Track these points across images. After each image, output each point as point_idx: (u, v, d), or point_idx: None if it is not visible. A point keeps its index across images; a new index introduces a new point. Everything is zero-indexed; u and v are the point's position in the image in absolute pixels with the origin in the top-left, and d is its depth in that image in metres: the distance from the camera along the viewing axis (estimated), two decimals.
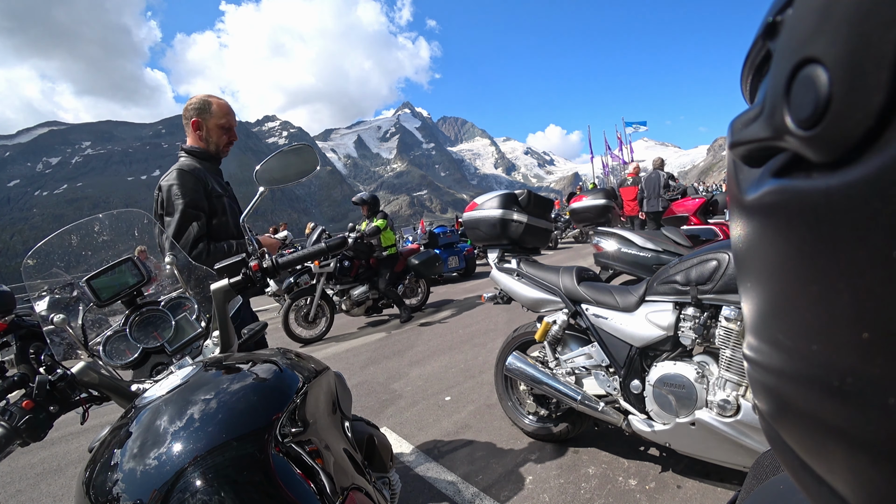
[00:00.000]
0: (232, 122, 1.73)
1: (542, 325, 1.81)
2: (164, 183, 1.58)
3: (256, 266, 0.90)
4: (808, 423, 0.16)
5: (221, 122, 1.69)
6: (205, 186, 1.60)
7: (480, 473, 1.89)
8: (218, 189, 1.66)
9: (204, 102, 1.70)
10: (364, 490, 0.68)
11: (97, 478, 0.55)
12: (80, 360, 0.78)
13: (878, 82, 0.11)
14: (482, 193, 2.20)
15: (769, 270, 0.17)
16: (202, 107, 1.68)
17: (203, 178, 1.60)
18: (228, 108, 1.72)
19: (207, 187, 1.61)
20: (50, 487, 2.21)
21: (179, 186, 1.55)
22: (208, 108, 1.68)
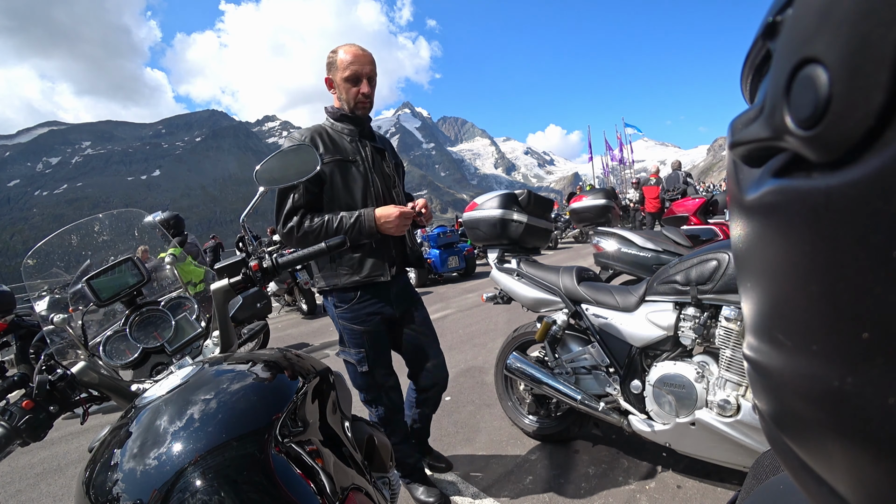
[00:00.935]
0: (360, 71, 1.44)
1: (542, 325, 1.81)
2: None
3: (256, 266, 0.90)
4: (808, 423, 0.16)
5: (346, 75, 1.43)
6: (319, 150, 1.39)
7: (480, 473, 1.89)
8: (347, 154, 1.45)
9: (331, 56, 1.48)
10: (364, 490, 0.68)
11: (97, 478, 0.55)
12: (81, 360, 0.78)
13: (878, 82, 0.11)
14: (482, 193, 2.20)
15: (769, 270, 0.17)
16: (330, 61, 1.48)
17: (318, 142, 1.42)
18: (354, 56, 1.43)
19: (319, 151, 1.37)
20: (50, 487, 2.21)
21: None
22: (334, 61, 1.46)
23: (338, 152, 1.44)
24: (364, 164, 1.48)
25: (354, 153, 1.47)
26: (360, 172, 1.47)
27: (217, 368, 0.69)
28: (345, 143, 1.47)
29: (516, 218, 1.98)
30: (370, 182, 1.48)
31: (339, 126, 1.50)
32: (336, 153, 1.44)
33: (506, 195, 2.02)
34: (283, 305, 6.61)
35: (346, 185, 1.45)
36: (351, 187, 1.46)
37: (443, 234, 7.81)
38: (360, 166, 1.47)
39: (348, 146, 1.47)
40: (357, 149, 1.48)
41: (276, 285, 6.03)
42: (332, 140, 1.45)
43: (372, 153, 1.51)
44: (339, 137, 1.47)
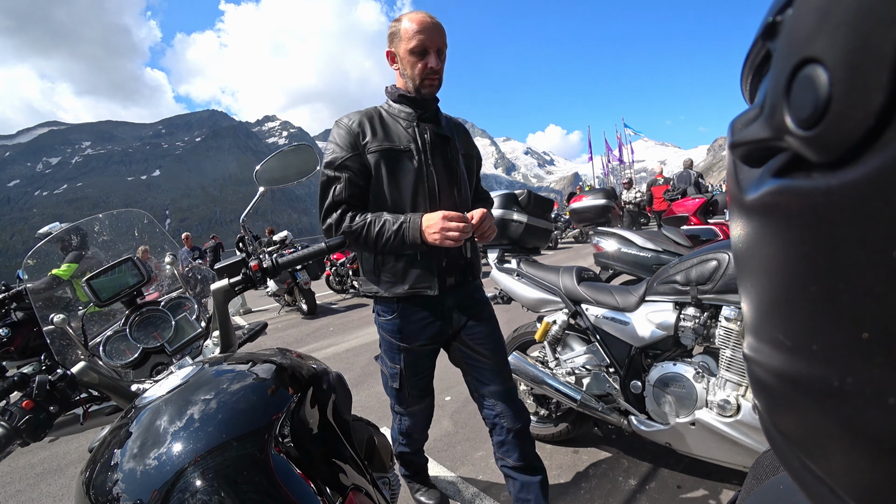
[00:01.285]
0: (428, 42, 1.19)
1: (542, 325, 1.81)
2: None
3: (256, 266, 0.90)
4: (808, 423, 0.16)
5: (412, 46, 1.19)
6: (366, 137, 1.20)
7: (480, 473, 1.89)
8: (398, 141, 1.22)
9: (394, 25, 1.24)
10: (364, 490, 0.68)
11: (97, 478, 0.55)
12: (81, 360, 0.78)
13: (878, 82, 0.11)
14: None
15: (769, 270, 0.17)
16: (392, 31, 1.24)
17: (367, 128, 1.22)
18: (421, 25, 1.19)
19: (366, 139, 1.20)
20: (50, 487, 2.21)
21: (330, 142, 1.24)
22: (397, 31, 1.22)
23: (387, 139, 1.21)
24: (420, 154, 1.22)
25: (409, 140, 1.22)
26: (413, 164, 1.22)
27: (217, 368, 0.69)
28: (399, 129, 1.23)
29: (516, 218, 1.98)
30: (424, 176, 1.22)
31: (396, 108, 1.26)
32: (385, 140, 1.21)
33: (506, 195, 2.02)
34: (283, 305, 6.61)
35: (394, 179, 1.21)
36: (399, 182, 1.22)
37: None
38: (413, 156, 1.22)
39: (403, 132, 1.23)
40: (414, 135, 1.23)
41: (276, 285, 6.03)
42: (384, 125, 1.23)
43: (432, 140, 1.25)
44: (393, 122, 1.24)
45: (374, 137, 1.21)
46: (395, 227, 1.16)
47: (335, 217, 1.21)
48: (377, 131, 1.22)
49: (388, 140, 1.22)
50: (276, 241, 6.06)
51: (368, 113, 1.26)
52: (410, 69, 1.21)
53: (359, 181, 1.21)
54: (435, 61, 1.21)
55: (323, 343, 4.51)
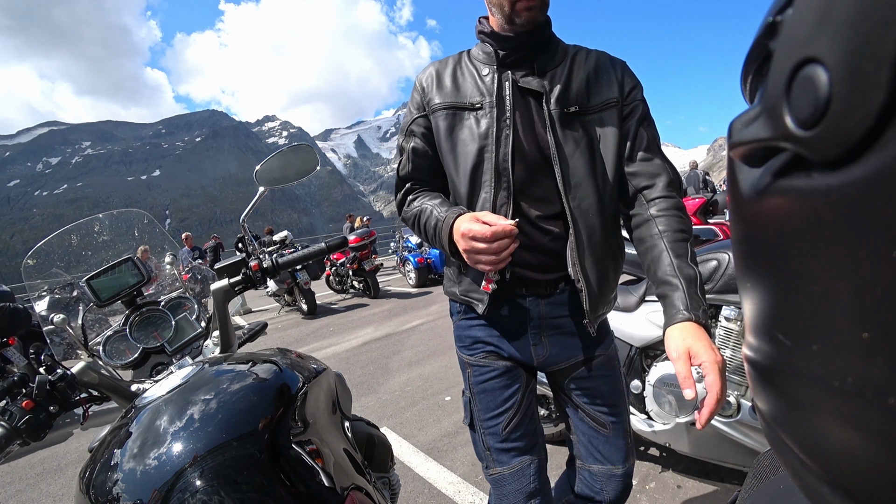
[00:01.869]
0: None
1: None
2: None
3: (256, 266, 0.90)
4: (807, 423, 0.16)
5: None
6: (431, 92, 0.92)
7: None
8: (465, 96, 0.88)
9: None
10: (364, 490, 0.68)
11: (97, 478, 0.55)
12: (81, 360, 0.78)
13: (878, 82, 0.11)
14: None
15: (769, 270, 0.17)
16: None
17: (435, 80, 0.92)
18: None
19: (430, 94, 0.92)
20: (50, 487, 2.21)
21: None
22: None
23: (455, 93, 0.89)
24: (492, 111, 0.85)
25: (480, 93, 0.87)
26: (478, 129, 0.86)
27: (217, 368, 0.69)
28: (476, 80, 0.89)
29: None
30: (491, 145, 0.85)
31: (478, 49, 0.92)
32: (452, 94, 0.89)
33: None
34: (283, 305, 6.61)
35: (453, 149, 0.89)
36: (457, 153, 0.89)
37: None
38: (481, 117, 0.86)
39: (475, 82, 0.88)
40: (489, 86, 0.87)
41: (276, 285, 6.03)
42: (458, 74, 0.91)
43: (513, 93, 0.85)
44: (470, 69, 0.91)
45: (440, 91, 0.91)
46: (432, 227, 0.87)
47: (399, 197, 1.00)
48: (445, 83, 0.91)
49: (455, 94, 0.89)
50: (275, 241, 6.07)
51: (448, 60, 0.95)
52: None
53: (426, 150, 0.93)
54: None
55: (323, 343, 4.51)
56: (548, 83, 0.85)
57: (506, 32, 0.86)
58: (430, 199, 0.91)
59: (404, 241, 8.58)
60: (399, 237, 9.52)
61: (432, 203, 0.89)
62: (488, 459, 0.96)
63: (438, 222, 0.85)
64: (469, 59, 0.92)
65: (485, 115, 0.86)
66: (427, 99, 0.92)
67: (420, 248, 7.90)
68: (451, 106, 0.89)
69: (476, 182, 0.87)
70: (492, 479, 0.96)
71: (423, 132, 0.93)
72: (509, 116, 0.85)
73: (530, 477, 0.92)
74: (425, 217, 0.89)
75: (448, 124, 0.89)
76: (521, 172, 0.85)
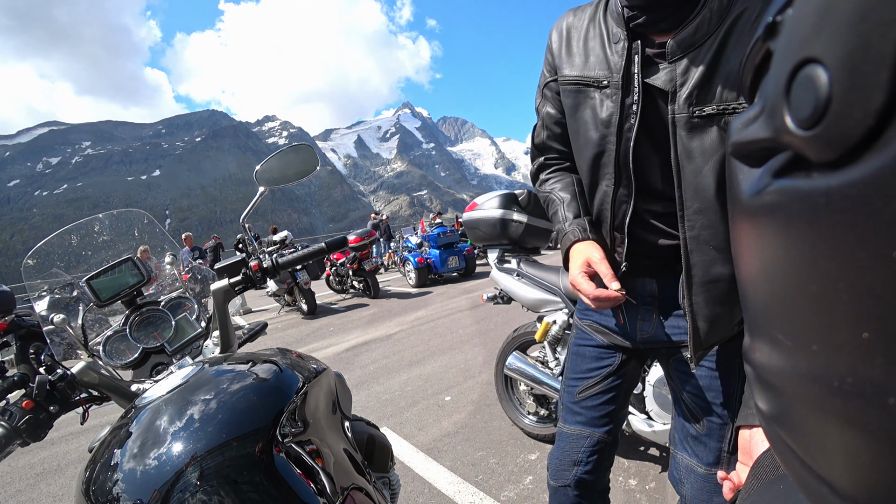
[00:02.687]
0: None
1: (542, 325, 1.81)
2: None
3: (256, 266, 0.90)
4: (807, 424, 0.16)
5: None
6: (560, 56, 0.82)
7: (480, 473, 1.89)
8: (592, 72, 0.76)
9: None
10: (364, 490, 0.68)
11: (97, 478, 0.55)
12: (80, 360, 0.78)
13: (878, 82, 0.11)
14: (482, 193, 2.20)
15: (769, 270, 0.17)
16: None
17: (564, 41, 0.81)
18: None
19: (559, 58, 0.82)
20: (50, 487, 2.21)
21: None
22: None
23: (584, 65, 0.77)
24: (617, 94, 0.73)
25: (608, 69, 0.74)
26: (601, 112, 0.76)
27: (217, 368, 0.69)
28: (605, 48, 0.75)
29: (516, 218, 1.98)
30: (611, 135, 0.75)
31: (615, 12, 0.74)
32: (581, 67, 0.78)
33: (506, 195, 2.02)
34: (283, 305, 6.61)
35: (576, 131, 0.81)
36: (579, 136, 0.81)
37: (443, 234, 7.81)
38: (604, 97, 0.75)
39: (604, 52, 0.75)
40: (619, 61, 0.73)
41: (276, 285, 6.03)
42: (586, 40, 0.78)
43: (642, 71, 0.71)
44: (602, 33, 0.76)
45: (568, 59, 0.79)
46: (557, 229, 0.86)
47: (533, 169, 0.95)
48: (573, 48, 0.79)
49: (582, 65, 0.77)
50: (275, 241, 6.07)
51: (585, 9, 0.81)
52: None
53: (560, 118, 0.85)
54: None
55: (323, 343, 4.51)
56: (681, 72, 0.66)
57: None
58: (561, 191, 0.87)
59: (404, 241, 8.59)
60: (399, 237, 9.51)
61: (561, 196, 0.86)
62: (560, 412, 1.00)
63: (560, 233, 0.85)
64: (605, 14, 0.76)
65: (609, 97, 0.74)
66: (556, 64, 0.82)
67: (420, 248, 7.90)
68: (577, 81, 0.78)
69: (596, 173, 0.80)
70: (557, 431, 1.00)
71: (556, 97, 0.84)
72: (637, 101, 0.71)
73: (581, 448, 0.93)
74: (551, 211, 0.89)
75: (572, 102, 0.80)
76: (646, 169, 0.75)
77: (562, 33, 0.82)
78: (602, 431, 0.93)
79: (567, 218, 0.84)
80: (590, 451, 0.93)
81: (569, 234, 0.82)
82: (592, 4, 0.80)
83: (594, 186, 0.82)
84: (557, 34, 0.82)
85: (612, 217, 0.80)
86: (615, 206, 0.80)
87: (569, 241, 0.81)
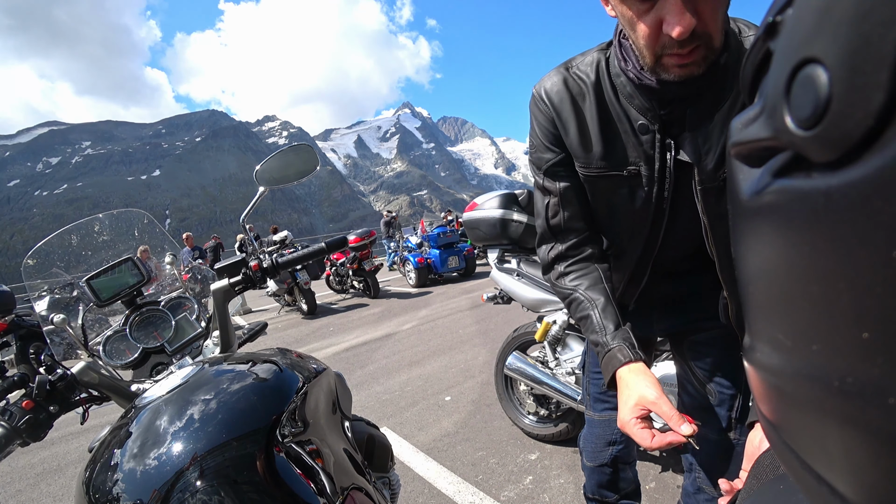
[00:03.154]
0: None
1: (542, 325, 1.81)
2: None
3: (256, 266, 0.90)
4: (807, 424, 0.16)
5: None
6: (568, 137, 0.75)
7: (480, 473, 1.89)
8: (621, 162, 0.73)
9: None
10: (364, 490, 0.68)
11: (97, 478, 0.55)
12: (81, 360, 0.78)
13: (878, 82, 0.11)
14: (482, 193, 2.20)
15: (769, 270, 0.17)
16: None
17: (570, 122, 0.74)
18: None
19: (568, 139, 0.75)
20: (50, 487, 2.21)
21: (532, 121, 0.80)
22: None
23: (607, 157, 0.73)
24: (650, 188, 0.73)
25: (636, 160, 0.72)
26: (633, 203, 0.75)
27: (217, 368, 0.69)
28: (630, 136, 0.72)
29: (516, 218, 1.98)
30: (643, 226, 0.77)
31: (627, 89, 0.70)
32: (603, 157, 0.74)
33: (506, 195, 2.02)
34: (283, 305, 6.61)
35: (599, 208, 0.80)
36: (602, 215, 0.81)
37: (443, 234, 7.81)
38: (636, 187, 0.74)
39: (635, 145, 0.71)
40: (651, 154, 0.71)
41: (276, 285, 6.03)
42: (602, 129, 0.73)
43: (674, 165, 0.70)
44: (618, 115, 0.72)
45: (581, 141, 0.74)
46: (592, 340, 0.77)
47: (547, 256, 0.84)
48: (589, 134, 0.73)
49: (603, 156, 0.73)
50: (276, 241, 6.08)
51: (577, 86, 0.73)
52: (631, 32, 0.60)
53: (580, 192, 0.79)
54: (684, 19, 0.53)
55: (323, 343, 4.51)
56: (703, 140, 0.67)
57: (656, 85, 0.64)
58: (590, 289, 0.78)
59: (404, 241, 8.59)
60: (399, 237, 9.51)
61: (591, 298, 0.77)
62: (586, 401, 1.06)
63: (599, 346, 0.75)
64: (616, 96, 0.71)
65: (640, 186, 0.73)
66: (564, 143, 0.76)
67: (420, 248, 7.90)
68: (601, 174, 0.75)
69: (622, 245, 0.82)
70: (586, 417, 1.07)
71: (570, 173, 0.78)
72: (668, 189, 0.72)
73: (614, 429, 0.99)
74: (579, 314, 0.79)
75: (594, 188, 0.77)
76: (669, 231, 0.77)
77: (561, 111, 0.75)
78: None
79: (606, 329, 0.74)
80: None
81: (614, 351, 0.72)
82: (586, 79, 0.73)
83: (620, 255, 0.84)
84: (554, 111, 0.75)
85: (631, 274, 0.84)
86: (637, 267, 0.83)
87: (617, 362, 0.71)
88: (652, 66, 0.61)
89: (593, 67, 0.73)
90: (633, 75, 0.67)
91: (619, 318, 0.76)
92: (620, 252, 0.84)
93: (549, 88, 0.75)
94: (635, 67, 0.66)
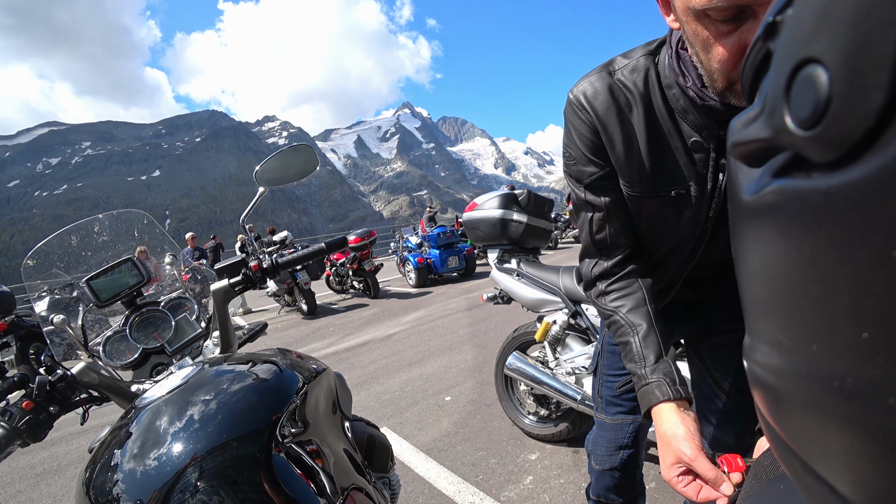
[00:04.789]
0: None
1: (542, 325, 1.81)
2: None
3: (256, 266, 0.90)
4: (807, 424, 0.16)
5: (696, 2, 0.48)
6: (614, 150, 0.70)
7: (480, 473, 1.89)
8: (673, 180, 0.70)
9: None
10: (364, 490, 0.68)
11: (97, 478, 0.55)
12: (80, 361, 0.78)
13: (878, 82, 0.11)
14: (482, 193, 2.20)
15: (769, 270, 0.17)
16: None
17: (617, 137, 0.69)
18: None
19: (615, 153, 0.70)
20: (50, 487, 2.21)
21: (566, 131, 0.75)
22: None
23: (655, 176, 0.70)
24: (700, 208, 0.71)
25: (685, 177, 0.69)
26: (679, 221, 0.74)
27: (217, 369, 0.69)
28: (680, 152, 0.68)
29: (516, 218, 1.98)
30: (686, 243, 0.76)
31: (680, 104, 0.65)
32: (651, 175, 0.70)
33: (506, 195, 2.02)
34: (283, 305, 6.61)
35: (646, 228, 0.77)
36: (646, 231, 0.77)
37: (443, 234, 7.81)
38: (682, 205, 0.72)
39: (685, 162, 0.68)
40: (703, 172, 0.68)
41: (276, 285, 6.03)
42: (651, 145, 0.68)
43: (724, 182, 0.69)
44: (669, 130, 0.67)
45: (627, 155, 0.69)
46: (631, 369, 0.73)
47: (588, 268, 0.81)
48: (636, 151, 0.69)
49: (652, 174, 0.69)
50: (275, 242, 6.07)
51: (624, 95, 0.68)
52: (703, 53, 0.54)
53: (624, 203, 0.75)
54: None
55: (323, 343, 4.51)
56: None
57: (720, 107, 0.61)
58: (631, 312, 0.74)
59: (404, 241, 8.58)
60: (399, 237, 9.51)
61: (633, 323, 0.73)
62: (598, 404, 1.04)
63: (637, 377, 0.71)
64: (667, 111, 0.66)
65: (688, 207, 0.71)
66: (608, 156, 0.71)
67: (420, 248, 7.90)
68: (648, 194, 0.72)
69: (659, 259, 0.81)
70: (597, 420, 1.05)
71: (614, 186, 0.74)
72: (715, 209, 0.70)
73: (626, 434, 1.00)
74: (619, 339, 0.76)
75: (639, 206, 0.74)
76: (710, 245, 0.77)
77: (606, 125, 0.69)
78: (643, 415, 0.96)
79: (646, 360, 0.70)
80: (633, 435, 1.00)
81: (652, 386, 0.68)
82: (633, 89, 0.67)
83: (656, 263, 0.82)
84: (600, 124, 0.69)
85: (664, 286, 0.84)
86: (672, 280, 0.83)
87: (654, 398, 0.67)
88: (723, 90, 0.55)
89: (642, 76, 0.67)
90: (694, 94, 0.62)
91: (662, 348, 0.71)
92: (656, 265, 0.82)
93: (592, 96, 0.69)
94: (695, 85, 0.62)
